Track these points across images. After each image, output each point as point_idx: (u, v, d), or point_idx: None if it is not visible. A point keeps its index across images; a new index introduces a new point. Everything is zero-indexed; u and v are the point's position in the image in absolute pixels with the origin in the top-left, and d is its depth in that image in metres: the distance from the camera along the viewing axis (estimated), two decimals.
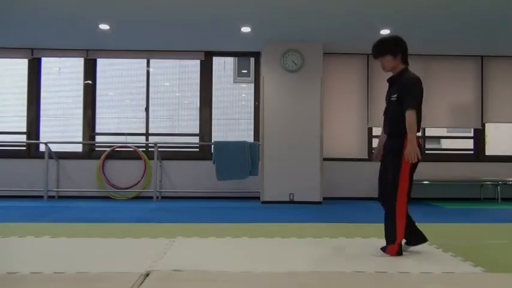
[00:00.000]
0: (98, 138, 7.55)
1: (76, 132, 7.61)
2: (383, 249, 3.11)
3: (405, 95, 3.12)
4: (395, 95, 3.18)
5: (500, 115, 7.48)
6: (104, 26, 6.02)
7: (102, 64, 7.78)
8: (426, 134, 7.86)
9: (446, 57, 7.31)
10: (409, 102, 3.08)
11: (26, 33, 6.41)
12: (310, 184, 6.62)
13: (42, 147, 7.13)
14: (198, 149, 7.44)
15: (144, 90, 7.51)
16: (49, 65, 8.14)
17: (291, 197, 6.63)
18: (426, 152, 7.71)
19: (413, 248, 3.27)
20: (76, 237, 3.71)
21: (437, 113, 7.33)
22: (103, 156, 7.11)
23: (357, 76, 7.31)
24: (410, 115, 3.05)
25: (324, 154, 6.82)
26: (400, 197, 3.06)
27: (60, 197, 7.09)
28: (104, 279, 2.47)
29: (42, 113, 7.43)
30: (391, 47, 3.25)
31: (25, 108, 7.37)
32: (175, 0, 5.15)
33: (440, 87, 7.34)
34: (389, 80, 3.36)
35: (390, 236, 3.09)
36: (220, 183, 6.88)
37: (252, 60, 7.81)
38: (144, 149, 7.32)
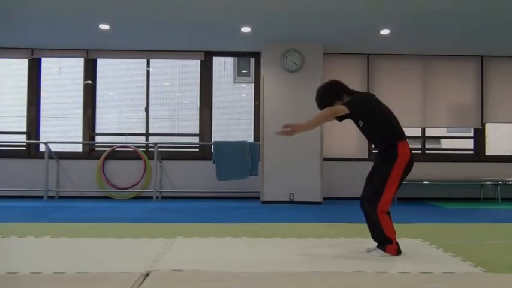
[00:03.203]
0: (98, 138, 7.55)
1: (76, 132, 7.61)
2: (382, 248, 3.10)
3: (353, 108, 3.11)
4: (359, 120, 3.19)
5: (500, 115, 7.48)
6: (104, 26, 6.02)
7: (102, 64, 7.78)
8: (426, 134, 7.85)
9: (446, 57, 7.31)
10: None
11: (26, 33, 6.42)
12: (310, 184, 6.62)
13: (42, 147, 7.13)
14: (198, 149, 7.44)
15: (144, 90, 7.52)
16: (49, 65, 8.13)
17: (291, 197, 6.63)
18: (426, 152, 7.72)
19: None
20: (76, 237, 3.71)
21: (437, 113, 7.33)
22: (103, 156, 7.11)
23: (357, 76, 7.31)
24: (325, 111, 3.09)
25: (324, 154, 6.82)
26: (382, 204, 3.05)
27: (60, 197, 7.09)
28: (104, 279, 2.47)
29: (42, 113, 7.44)
30: (332, 97, 3.21)
31: (25, 108, 7.37)
32: (175, 0, 5.15)
33: (440, 87, 7.34)
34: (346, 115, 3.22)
35: (384, 239, 3.10)
36: (220, 183, 6.88)
37: (252, 60, 7.80)
38: (144, 149, 7.32)
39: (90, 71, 7.42)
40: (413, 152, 3.22)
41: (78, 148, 7.45)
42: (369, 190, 3.16)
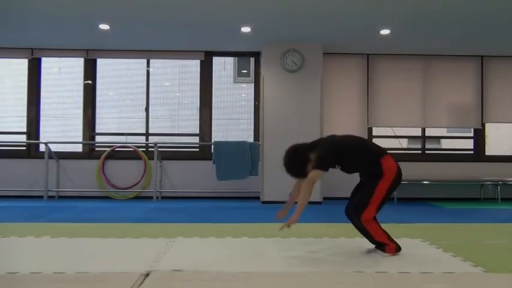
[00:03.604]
0: (98, 138, 7.55)
1: (76, 132, 7.61)
2: (381, 249, 3.11)
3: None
4: (335, 167, 3.21)
5: (500, 115, 7.48)
6: (104, 26, 6.02)
7: (102, 64, 7.78)
8: (426, 134, 7.85)
9: (446, 57, 7.31)
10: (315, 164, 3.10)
11: (26, 33, 6.41)
12: None
13: (42, 147, 7.13)
14: (198, 149, 7.44)
15: (144, 90, 7.51)
16: (49, 65, 8.13)
17: None
18: (426, 152, 7.71)
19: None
20: (76, 237, 3.71)
21: (437, 113, 7.33)
22: (103, 156, 7.11)
23: (357, 76, 7.31)
24: (306, 188, 3.10)
25: None
26: (366, 214, 3.06)
27: (60, 197, 7.09)
28: (104, 279, 2.47)
29: (42, 113, 7.43)
30: (300, 163, 3.22)
31: (25, 108, 7.36)
32: (175, 0, 5.15)
33: (440, 87, 7.34)
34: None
35: (376, 243, 3.13)
36: (220, 183, 6.88)
37: (252, 60, 7.80)
38: (144, 149, 7.32)
39: (90, 71, 7.42)
40: (413, 152, 3.22)
41: (78, 148, 7.45)
42: (353, 203, 3.19)
